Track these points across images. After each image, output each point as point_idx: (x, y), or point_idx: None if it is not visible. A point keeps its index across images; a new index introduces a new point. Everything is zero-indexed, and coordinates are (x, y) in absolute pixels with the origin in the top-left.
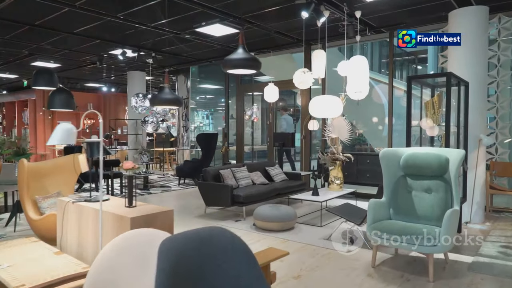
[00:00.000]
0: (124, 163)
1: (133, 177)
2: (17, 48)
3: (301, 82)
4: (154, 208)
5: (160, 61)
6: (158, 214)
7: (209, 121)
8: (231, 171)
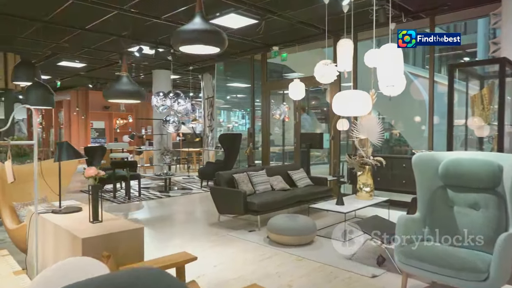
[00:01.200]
0: (86, 170)
1: (99, 187)
2: (39, 48)
3: (323, 76)
4: (121, 225)
5: (182, 58)
6: (123, 233)
7: (245, 121)
8: (247, 175)
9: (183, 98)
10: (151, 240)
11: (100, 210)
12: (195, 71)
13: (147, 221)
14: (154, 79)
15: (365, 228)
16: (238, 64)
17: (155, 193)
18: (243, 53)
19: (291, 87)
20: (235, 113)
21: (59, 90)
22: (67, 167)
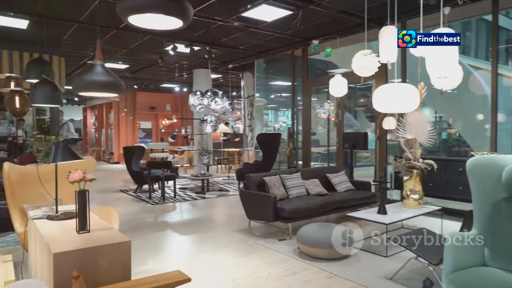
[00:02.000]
0: (71, 174)
1: (85, 192)
2: (82, 49)
3: (362, 68)
4: (107, 238)
5: (220, 56)
6: (106, 247)
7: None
8: (279, 178)
9: (220, 97)
10: (175, 245)
11: (88, 219)
12: (235, 69)
13: (174, 225)
14: (194, 78)
15: (408, 244)
16: (280, 61)
17: (191, 194)
18: (282, 49)
19: (332, 83)
20: (284, 113)
21: None
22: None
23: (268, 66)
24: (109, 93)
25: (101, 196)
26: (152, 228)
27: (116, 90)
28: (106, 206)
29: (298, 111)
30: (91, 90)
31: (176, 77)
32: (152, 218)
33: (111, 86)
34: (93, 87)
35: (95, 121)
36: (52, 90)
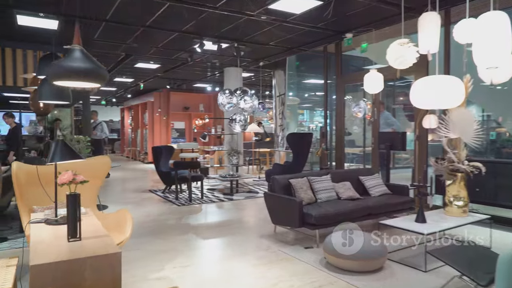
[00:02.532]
0: (60, 176)
1: (76, 196)
2: (111, 49)
3: (399, 59)
4: (95, 248)
5: (250, 53)
6: (92, 259)
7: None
8: (307, 181)
9: (249, 95)
10: (194, 251)
11: (79, 226)
12: (266, 67)
13: (197, 228)
14: (225, 77)
15: (450, 259)
16: (315, 59)
17: (219, 196)
18: (314, 44)
19: (367, 79)
20: (320, 112)
21: (144, 92)
22: (96, 168)
23: (301, 64)
24: (89, 83)
25: (130, 196)
26: (174, 230)
27: (98, 79)
28: (123, 208)
29: (333, 110)
30: (68, 78)
31: (208, 76)
32: (175, 220)
33: (91, 74)
34: (70, 75)
35: (131, 122)
36: (59, 87)
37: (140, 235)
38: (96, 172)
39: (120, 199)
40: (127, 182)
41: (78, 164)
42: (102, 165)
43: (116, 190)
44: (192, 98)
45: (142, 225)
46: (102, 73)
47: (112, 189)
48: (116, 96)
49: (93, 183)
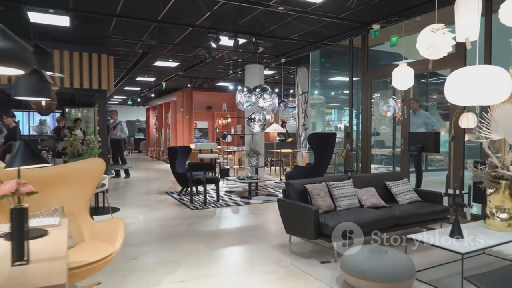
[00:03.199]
0: (1, 186)
1: (23, 210)
2: (129, 46)
3: (431, 48)
4: (35, 278)
5: (271, 49)
6: None
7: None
8: (326, 186)
9: (269, 93)
10: (198, 263)
11: (27, 246)
12: (288, 64)
13: (206, 235)
14: (246, 75)
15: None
16: (341, 55)
17: (236, 199)
18: (338, 37)
19: (396, 74)
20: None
21: (167, 92)
22: (89, 171)
23: (327, 61)
24: (7, 67)
25: (144, 198)
26: (180, 238)
27: (18, 63)
28: (134, 211)
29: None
30: None
31: (230, 74)
32: (185, 226)
33: (10, 55)
34: None
35: (156, 121)
36: (38, 81)
37: (143, 242)
38: (90, 175)
39: (134, 201)
40: (145, 182)
41: (70, 166)
42: (96, 168)
43: (132, 191)
44: (215, 97)
45: (148, 230)
46: (24, 55)
47: (129, 190)
48: (141, 96)
49: (85, 187)
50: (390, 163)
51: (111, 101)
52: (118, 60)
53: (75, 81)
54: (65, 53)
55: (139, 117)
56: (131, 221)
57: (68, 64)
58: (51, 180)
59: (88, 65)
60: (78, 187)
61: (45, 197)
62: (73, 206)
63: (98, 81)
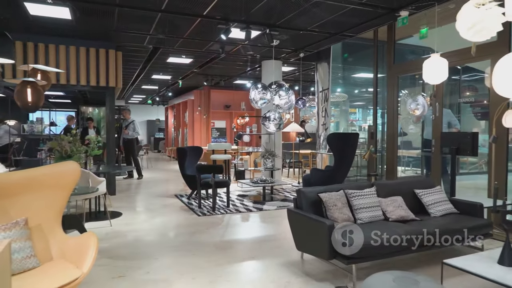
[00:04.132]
0: None
1: None
2: (139, 42)
3: (474, 27)
4: None
5: (288, 42)
6: None
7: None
8: (344, 195)
9: (285, 90)
10: (191, 282)
11: None
12: (308, 59)
13: (208, 247)
14: (263, 71)
15: None
16: (365, 49)
17: (248, 204)
18: (362, 27)
19: (427, 67)
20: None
21: (185, 91)
22: (61, 177)
23: (350, 56)
24: None
25: (151, 201)
26: (177, 251)
27: None
28: (136, 216)
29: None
30: None
31: (248, 71)
32: (188, 236)
33: None
34: None
35: (174, 121)
36: None
37: (137, 255)
38: (62, 181)
39: (140, 205)
40: (156, 184)
41: (39, 171)
42: (70, 173)
43: (141, 194)
44: (233, 96)
45: (145, 241)
46: None
47: (138, 192)
48: (160, 95)
49: (56, 195)
50: (418, 165)
51: (131, 100)
52: (130, 57)
53: (82, 77)
54: (71, 49)
55: (159, 116)
56: (130, 229)
57: (74, 60)
58: (14, 187)
59: (95, 61)
60: (48, 196)
61: (4, 207)
62: (40, 218)
63: (105, 78)
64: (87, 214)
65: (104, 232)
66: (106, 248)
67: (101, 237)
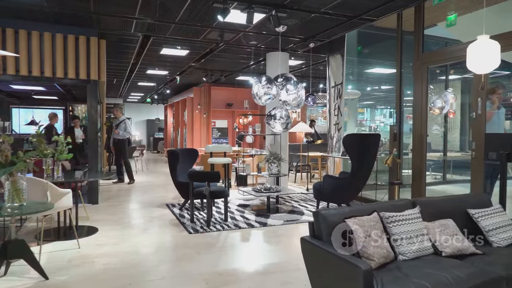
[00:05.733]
0: None
1: None
2: (124, 29)
3: None
4: None
5: (297, 29)
6: None
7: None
8: (379, 220)
9: (293, 84)
10: None
11: None
12: (319, 51)
13: (192, 283)
14: (267, 64)
15: None
16: (382, 40)
17: (249, 217)
18: (383, 9)
19: (472, 52)
20: (381, 111)
21: (185, 88)
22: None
23: (365, 48)
24: None
25: (137, 213)
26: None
27: None
28: (116, 232)
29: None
30: None
31: (251, 66)
32: (171, 264)
33: None
34: None
35: (173, 120)
36: None
37: None
38: None
39: (123, 217)
40: (148, 190)
41: None
42: None
43: (127, 203)
44: (235, 93)
45: (113, 273)
46: None
47: (124, 200)
48: (158, 92)
49: None
50: (438, 170)
51: (129, 98)
52: (119, 47)
53: (58, 69)
54: (46, 36)
55: (159, 115)
56: (101, 253)
57: (49, 48)
58: None
59: (74, 50)
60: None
61: None
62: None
63: (86, 70)
64: (55, 231)
65: (67, 257)
66: (60, 285)
67: (60, 265)
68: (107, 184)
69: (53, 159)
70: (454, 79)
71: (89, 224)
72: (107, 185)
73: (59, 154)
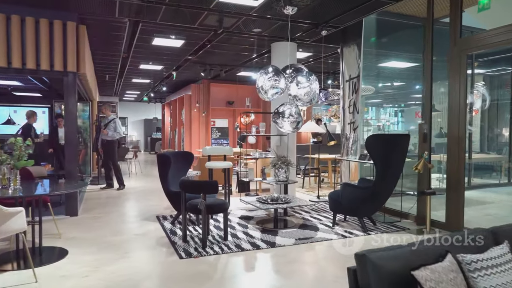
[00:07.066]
0: None
1: None
2: (106, 12)
3: None
4: None
5: (307, 13)
6: None
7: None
8: (458, 268)
9: (305, 76)
10: None
11: None
12: (330, 40)
13: None
14: (272, 56)
15: None
16: (402, 29)
17: (254, 234)
18: None
19: None
20: (385, 110)
21: (182, 85)
22: None
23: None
24: None
25: (120, 228)
26: None
27: None
28: (88, 257)
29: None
30: None
31: (254, 59)
32: None
33: None
34: None
35: (171, 119)
36: None
37: None
38: None
39: (102, 234)
40: (139, 198)
41: None
42: None
43: (111, 214)
44: (237, 91)
45: None
46: None
47: (110, 211)
48: (155, 90)
49: None
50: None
51: (125, 97)
52: (105, 37)
53: (29, 59)
54: (13, 19)
55: (157, 114)
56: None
57: (17, 34)
58: None
59: (47, 37)
60: None
61: None
62: None
63: (62, 60)
64: (14, 255)
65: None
66: None
67: None
68: (95, 190)
69: (8, 167)
70: (477, 73)
71: (60, 244)
72: (95, 191)
73: (16, 160)
